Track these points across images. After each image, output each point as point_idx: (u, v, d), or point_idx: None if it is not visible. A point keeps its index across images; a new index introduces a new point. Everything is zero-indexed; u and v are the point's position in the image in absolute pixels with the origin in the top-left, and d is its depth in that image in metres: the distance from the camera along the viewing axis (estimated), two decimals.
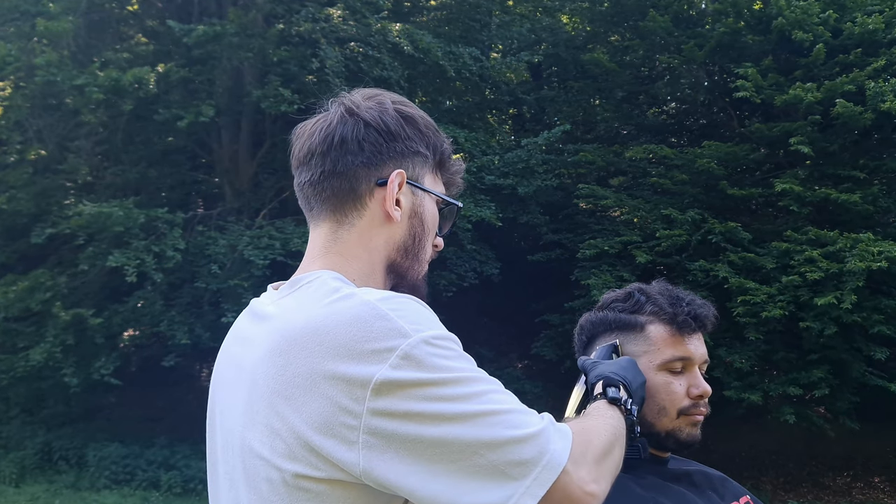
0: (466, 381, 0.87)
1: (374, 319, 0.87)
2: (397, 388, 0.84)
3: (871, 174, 9.32)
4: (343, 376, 0.85)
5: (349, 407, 0.84)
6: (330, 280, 0.97)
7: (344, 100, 1.07)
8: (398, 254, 1.06)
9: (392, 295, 0.92)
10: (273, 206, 10.52)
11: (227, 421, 1.00)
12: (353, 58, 9.78)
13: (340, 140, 1.03)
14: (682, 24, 10.68)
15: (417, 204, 1.07)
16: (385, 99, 1.07)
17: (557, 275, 10.55)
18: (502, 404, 0.88)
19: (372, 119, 1.04)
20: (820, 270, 7.85)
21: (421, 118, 1.08)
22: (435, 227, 1.11)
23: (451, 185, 1.14)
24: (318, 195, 1.06)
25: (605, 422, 1.05)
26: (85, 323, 8.96)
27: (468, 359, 0.91)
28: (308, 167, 1.06)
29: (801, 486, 9.39)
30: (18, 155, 10.55)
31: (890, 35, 8.76)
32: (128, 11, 11.24)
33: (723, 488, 1.38)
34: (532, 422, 0.88)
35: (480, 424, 0.85)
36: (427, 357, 0.86)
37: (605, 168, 11.26)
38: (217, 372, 1.09)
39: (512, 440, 0.85)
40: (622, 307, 1.38)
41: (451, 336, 0.92)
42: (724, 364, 8.50)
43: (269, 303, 1.04)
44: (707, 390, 1.33)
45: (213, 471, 1.06)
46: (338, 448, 0.85)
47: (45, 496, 8.86)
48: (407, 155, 1.06)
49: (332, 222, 1.06)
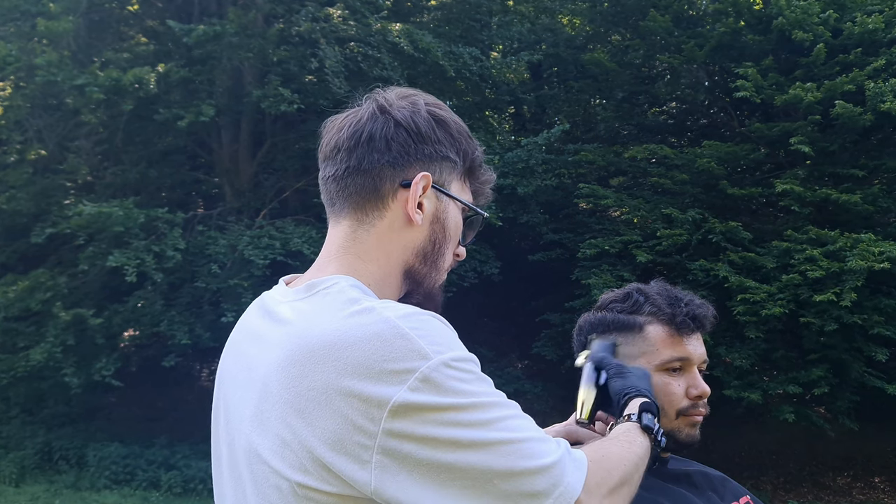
0: (484, 407, 0.86)
1: (394, 339, 0.85)
2: (415, 412, 0.83)
3: (871, 174, 9.33)
4: (360, 395, 0.84)
5: (364, 426, 0.83)
6: (349, 289, 0.95)
7: (377, 96, 1.05)
8: (416, 259, 1.04)
9: (412, 312, 0.90)
10: (273, 206, 10.52)
11: (234, 420, 0.99)
12: (353, 58, 9.78)
13: (368, 137, 1.01)
14: (682, 24, 10.68)
15: (441, 210, 1.04)
16: (419, 100, 1.05)
17: (557, 274, 10.56)
18: (519, 431, 0.87)
19: (403, 119, 1.02)
20: (820, 269, 7.85)
21: (454, 122, 1.06)
22: (457, 236, 1.08)
23: (479, 194, 1.11)
24: (340, 191, 1.03)
25: (630, 450, 1.03)
26: (85, 323, 8.96)
27: (487, 381, 0.90)
28: (333, 162, 1.04)
29: (801, 486, 9.39)
30: (18, 155, 10.56)
31: (890, 35, 8.76)
32: (128, 11, 11.24)
33: (723, 488, 1.38)
34: (548, 451, 0.88)
35: (495, 453, 0.84)
36: (446, 381, 0.85)
37: (605, 168, 11.26)
38: (225, 367, 1.07)
39: (526, 471, 0.85)
40: (621, 307, 1.38)
41: (471, 357, 0.90)
42: (724, 363, 8.50)
43: (283, 301, 1.01)
44: (706, 391, 1.32)
45: (217, 466, 1.06)
46: (350, 466, 0.84)
47: (46, 496, 8.86)
48: (435, 159, 1.03)
49: (353, 220, 1.03)
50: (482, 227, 1.14)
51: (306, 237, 9.20)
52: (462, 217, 1.09)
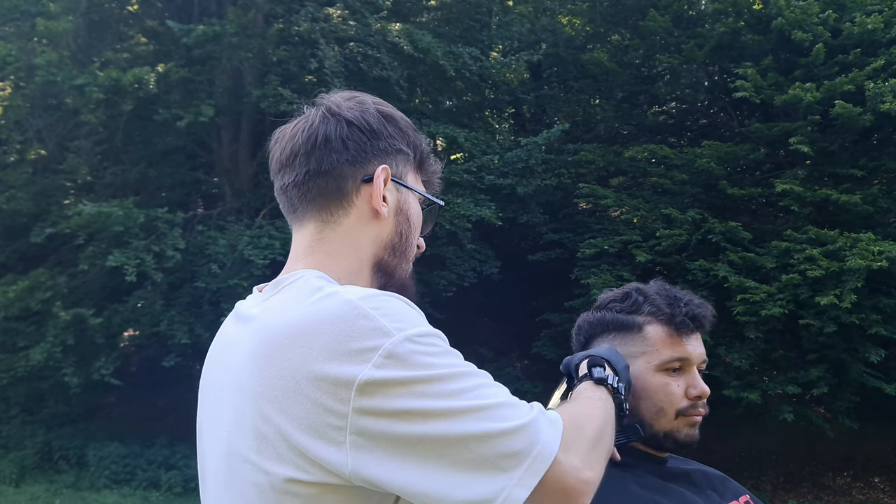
0: (452, 378, 0.87)
1: (356, 318, 0.86)
2: (382, 388, 0.84)
3: (871, 174, 9.32)
4: (327, 377, 0.84)
5: (334, 408, 0.84)
6: (313, 279, 0.96)
7: (323, 101, 1.07)
8: (385, 252, 1.06)
9: (374, 293, 0.91)
10: (273, 205, 10.50)
11: (214, 425, 1.00)
12: (353, 58, 9.79)
13: (324, 139, 1.03)
14: (682, 24, 10.68)
15: (403, 201, 1.07)
16: (365, 99, 1.08)
17: (557, 274, 10.56)
18: (490, 398, 0.87)
19: (354, 118, 1.04)
20: (820, 269, 7.85)
21: (401, 118, 1.09)
22: (419, 226, 1.10)
23: (429, 184, 1.14)
24: (302, 196, 1.04)
25: (592, 404, 1.05)
26: (85, 323, 8.96)
27: (455, 353, 0.91)
28: (292, 168, 1.05)
29: (801, 486, 9.39)
30: (18, 155, 10.55)
31: (889, 35, 8.76)
32: (128, 11, 11.24)
33: (723, 487, 1.38)
34: (521, 413, 0.88)
35: (468, 419, 0.85)
36: (411, 355, 0.85)
37: (605, 168, 11.26)
38: (204, 376, 1.08)
39: (501, 433, 0.85)
40: (620, 307, 1.38)
41: (436, 332, 0.91)
42: (724, 363, 8.50)
43: (253, 305, 1.03)
44: (705, 391, 1.32)
45: (202, 475, 1.06)
46: (325, 449, 0.84)
47: (46, 496, 8.86)
48: (390, 152, 1.06)
49: (318, 222, 1.04)
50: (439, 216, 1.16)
51: None
52: (420, 207, 1.11)
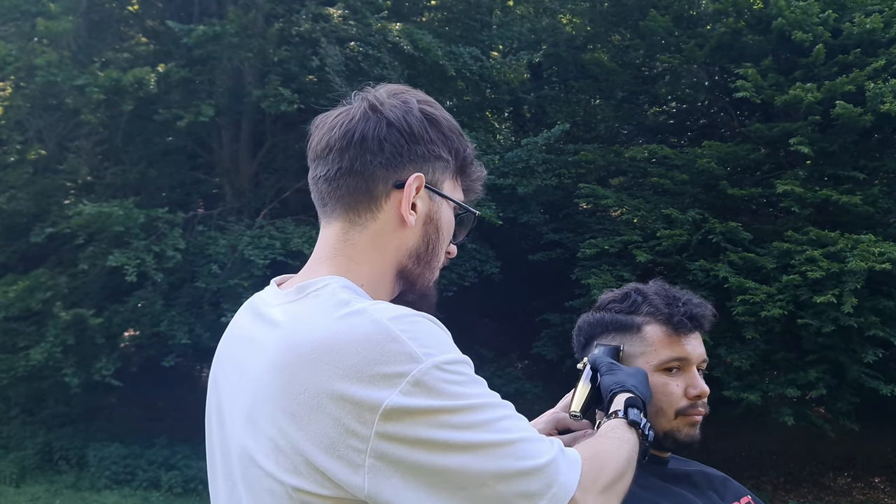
0: (477, 409, 0.86)
1: (385, 341, 0.85)
2: (407, 415, 0.83)
3: (872, 175, 9.32)
4: (351, 398, 0.83)
5: (356, 430, 0.83)
6: (340, 290, 0.94)
7: (368, 95, 1.04)
8: (410, 260, 1.03)
9: (404, 313, 0.89)
10: (273, 205, 10.52)
11: (227, 423, 0.99)
12: (353, 57, 9.78)
13: (361, 137, 1.00)
14: (682, 24, 10.67)
15: (434, 210, 1.04)
16: (411, 98, 1.04)
17: (557, 274, 10.55)
18: (512, 433, 0.87)
19: (395, 118, 1.01)
20: (821, 270, 7.85)
21: (445, 121, 1.05)
22: (450, 235, 1.08)
23: (470, 191, 1.10)
24: (332, 192, 1.02)
25: (619, 447, 1.04)
26: (85, 323, 8.95)
27: (481, 382, 0.90)
28: (325, 161, 1.02)
29: (801, 487, 9.39)
30: (18, 155, 10.54)
31: (889, 35, 8.76)
32: (128, 11, 11.24)
33: (723, 488, 1.38)
34: (542, 451, 0.87)
35: (489, 455, 0.84)
36: (438, 384, 0.84)
37: (605, 168, 11.26)
38: (217, 369, 1.07)
39: (520, 472, 0.85)
40: (619, 308, 1.37)
41: (464, 359, 0.90)
42: (724, 363, 8.50)
43: (274, 303, 1.00)
44: (705, 390, 1.32)
45: (212, 469, 1.05)
46: (343, 470, 0.84)
47: (46, 496, 8.86)
48: (428, 159, 1.02)
49: (345, 222, 1.02)
50: (475, 224, 1.13)
51: (307, 237, 9.20)
52: (454, 215, 1.08)
